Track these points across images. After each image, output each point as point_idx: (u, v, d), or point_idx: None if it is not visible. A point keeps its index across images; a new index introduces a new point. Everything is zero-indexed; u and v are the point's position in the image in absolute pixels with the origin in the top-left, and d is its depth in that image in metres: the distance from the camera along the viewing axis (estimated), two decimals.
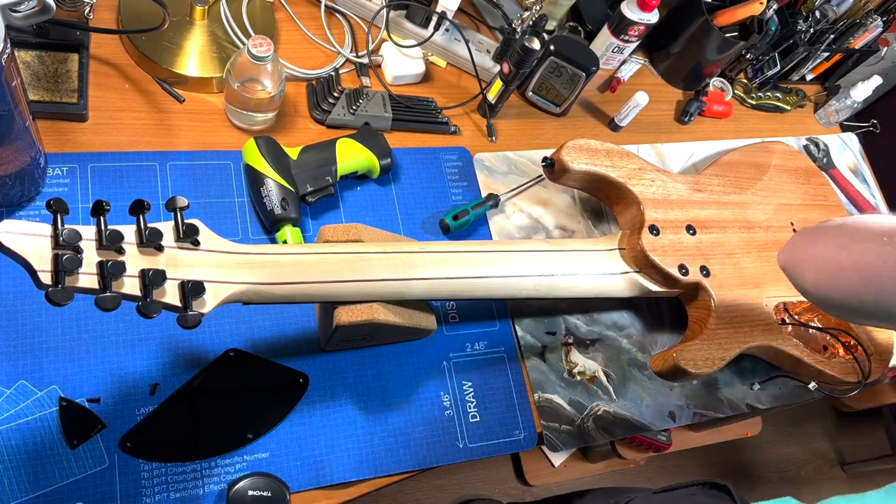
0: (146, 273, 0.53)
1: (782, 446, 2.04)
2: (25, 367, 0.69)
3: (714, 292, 0.83)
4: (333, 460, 0.75)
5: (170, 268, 0.56)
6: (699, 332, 0.82)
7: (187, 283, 0.55)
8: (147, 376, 0.72)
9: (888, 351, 0.95)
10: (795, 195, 1.00)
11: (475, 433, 0.81)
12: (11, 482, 0.65)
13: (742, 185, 0.96)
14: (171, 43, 0.88)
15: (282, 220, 0.80)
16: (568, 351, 0.88)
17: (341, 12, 1.02)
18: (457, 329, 0.85)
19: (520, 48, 0.89)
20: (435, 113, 0.98)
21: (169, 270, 0.55)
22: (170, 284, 0.55)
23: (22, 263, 0.50)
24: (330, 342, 0.75)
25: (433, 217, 0.91)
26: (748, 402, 0.94)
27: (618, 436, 0.87)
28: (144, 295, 0.53)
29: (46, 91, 0.81)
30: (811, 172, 1.05)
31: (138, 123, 0.85)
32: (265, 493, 0.68)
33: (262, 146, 0.81)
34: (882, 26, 1.15)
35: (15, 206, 0.75)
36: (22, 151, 0.68)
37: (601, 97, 1.12)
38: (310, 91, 0.94)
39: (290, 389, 0.76)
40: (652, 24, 1.02)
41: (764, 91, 1.22)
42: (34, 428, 0.67)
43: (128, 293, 0.53)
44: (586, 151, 0.85)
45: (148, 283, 0.53)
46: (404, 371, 0.81)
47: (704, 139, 1.14)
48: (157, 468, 0.69)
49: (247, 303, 0.62)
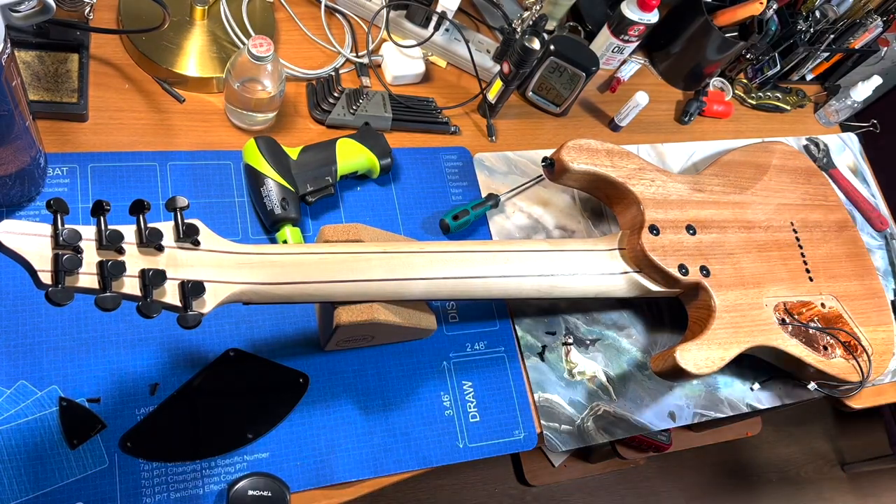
0: (146, 273, 0.53)
1: (782, 446, 2.04)
2: (25, 367, 0.69)
3: (714, 292, 0.83)
4: (333, 460, 0.75)
5: (170, 268, 0.56)
6: (699, 333, 0.82)
7: (187, 282, 0.55)
8: (147, 376, 0.72)
9: (888, 351, 0.95)
10: (795, 195, 1.00)
11: (475, 433, 0.81)
12: (11, 482, 0.65)
13: (742, 185, 0.96)
14: (171, 43, 0.88)
15: (282, 220, 0.80)
16: (568, 351, 0.88)
17: (341, 12, 1.02)
18: (457, 329, 0.85)
19: (520, 48, 0.89)
20: (435, 113, 0.98)
21: (169, 270, 0.55)
22: (170, 284, 0.55)
23: (22, 263, 0.50)
24: (330, 342, 0.75)
25: (433, 217, 0.91)
26: (748, 402, 0.94)
27: (618, 436, 0.87)
28: (144, 295, 0.53)
29: (46, 91, 0.81)
30: (811, 172, 1.05)
31: (138, 123, 0.85)
32: (265, 493, 0.68)
33: (262, 146, 0.81)
34: (882, 26, 1.15)
35: (15, 206, 0.76)
36: (22, 151, 0.68)
37: (601, 97, 1.12)
38: (310, 91, 0.94)
39: (290, 389, 0.76)
40: (652, 24, 1.02)
41: (764, 91, 1.22)
42: (34, 428, 0.67)
43: (128, 293, 0.53)
44: (586, 151, 0.85)
45: (148, 283, 0.53)
46: (404, 371, 0.81)
47: (704, 139, 1.14)
48: (157, 468, 0.69)
49: (247, 303, 0.62)
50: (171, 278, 0.55)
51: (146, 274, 0.53)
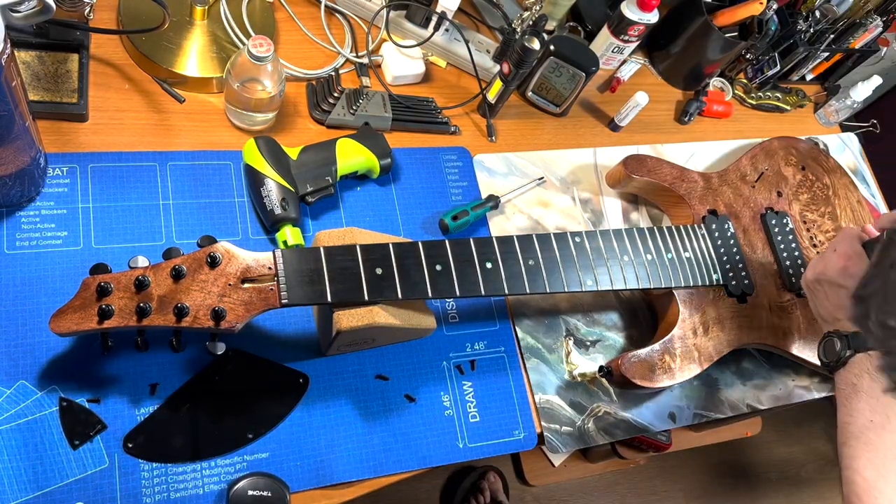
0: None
1: (782, 446, 2.04)
2: (25, 367, 0.69)
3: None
4: (333, 460, 0.75)
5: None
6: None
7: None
8: (147, 376, 0.72)
9: None
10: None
11: (475, 433, 0.81)
12: (11, 482, 0.65)
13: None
14: (171, 43, 0.88)
15: (282, 220, 0.80)
16: (568, 352, 0.88)
17: (341, 12, 1.02)
18: (457, 329, 0.85)
19: (520, 48, 0.89)
20: (435, 113, 0.98)
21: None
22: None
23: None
24: (331, 347, 0.74)
25: (433, 217, 0.91)
26: (748, 403, 0.94)
27: (618, 437, 0.87)
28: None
29: (46, 91, 0.81)
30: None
31: (138, 123, 0.85)
32: (265, 493, 0.68)
33: (262, 146, 0.81)
34: (882, 26, 1.15)
35: (15, 207, 0.76)
36: (22, 151, 0.68)
37: (601, 97, 1.12)
38: (310, 91, 0.94)
39: (290, 389, 0.76)
40: (652, 24, 1.02)
41: (764, 91, 1.22)
42: (34, 428, 0.67)
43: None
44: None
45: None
46: (404, 371, 0.81)
47: (704, 139, 1.14)
48: (157, 468, 0.69)
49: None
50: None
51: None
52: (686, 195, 0.93)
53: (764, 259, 0.93)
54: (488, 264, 0.74)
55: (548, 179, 0.99)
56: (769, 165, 1.01)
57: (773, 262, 0.94)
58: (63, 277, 0.74)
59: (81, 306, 0.60)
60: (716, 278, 0.87)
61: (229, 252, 0.64)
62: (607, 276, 0.80)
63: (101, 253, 0.76)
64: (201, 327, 0.61)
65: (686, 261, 0.86)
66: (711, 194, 0.95)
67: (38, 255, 0.74)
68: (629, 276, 0.81)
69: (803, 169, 1.03)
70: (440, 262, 0.71)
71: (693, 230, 0.89)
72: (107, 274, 0.61)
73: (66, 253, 0.75)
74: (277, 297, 0.64)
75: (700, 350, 0.84)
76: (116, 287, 0.60)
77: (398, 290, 0.69)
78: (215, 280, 0.63)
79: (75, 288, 0.61)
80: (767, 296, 0.91)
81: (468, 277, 0.72)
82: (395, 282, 0.69)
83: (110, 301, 0.60)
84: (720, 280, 0.87)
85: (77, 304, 0.60)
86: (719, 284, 0.88)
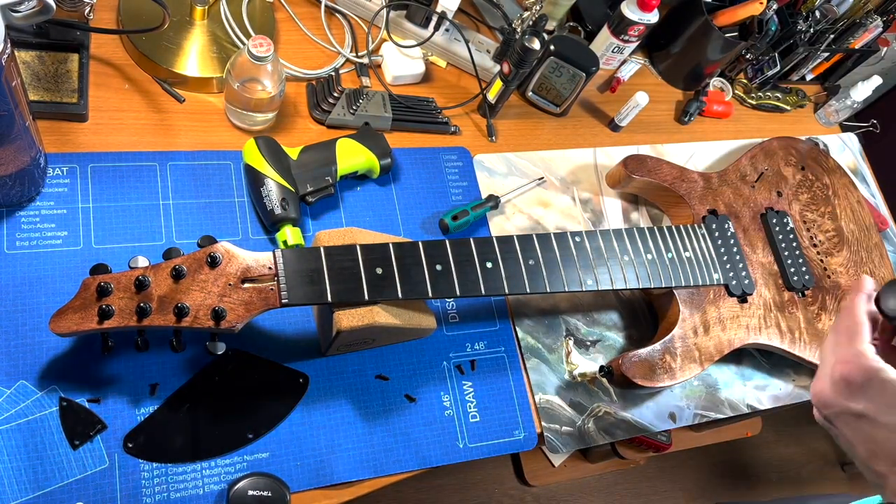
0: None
1: (782, 446, 2.04)
2: (25, 367, 0.69)
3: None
4: (333, 460, 0.74)
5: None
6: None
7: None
8: (147, 376, 0.72)
9: None
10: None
11: (475, 433, 0.81)
12: (11, 482, 0.65)
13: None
14: (171, 43, 0.88)
15: (282, 220, 0.80)
16: (568, 352, 0.88)
17: (341, 12, 1.02)
18: (457, 329, 0.85)
19: (520, 48, 0.89)
20: (435, 113, 0.98)
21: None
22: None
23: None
24: (331, 348, 0.74)
25: (433, 217, 0.91)
26: (748, 403, 0.94)
27: (618, 437, 0.87)
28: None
29: (46, 91, 0.81)
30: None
31: (138, 123, 0.85)
32: (265, 493, 0.68)
33: (262, 146, 0.81)
34: (882, 26, 1.15)
35: (15, 207, 0.75)
36: (22, 151, 0.68)
37: (601, 97, 1.12)
38: (310, 91, 0.94)
39: (290, 389, 0.76)
40: (652, 24, 1.02)
41: (764, 91, 1.22)
42: (34, 428, 0.67)
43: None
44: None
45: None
46: (404, 371, 0.81)
47: (704, 139, 1.14)
48: (157, 468, 0.69)
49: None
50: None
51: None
52: (686, 195, 0.93)
53: (764, 259, 0.93)
54: (488, 264, 0.74)
55: (548, 179, 0.99)
56: (769, 165, 1.01)
57: (774, 262, 0.94)
58: (63, 277, 0.74)
59: (81, 306, 0.60)
60: (716, 278, 0.87)
61: (229, 252, 0.64)
62: (608, 275, 0.80)
63: (101, 253, 0.76)
64: (201, 327, 0.61)
65: (686, 260, 0.86)
66: (711, 194, 0.95)
67: (38, 255, 0.74)
68: (629, 276, 0.81)
69: (803, 169, 1.03)
70: (440, 262, 0.71)
71: (693, 230, 0.89)
72: (107, 274, 0.61)
73: (66, 253, 0.75)
74: (277, 297, 0.64)
75: (701, 350, 0.84)
76: (116, 287, 0.60)
77: (398, 289, 0.69)
78: (215, 280, 0.63)
79: (75, 288, 0.61)
80: (768, 295, 0.91)
81: (468, 277, 0.72)
82: (395, 282, 0.69)
83: (110, 301, 0.60)
84: (721, 280, 0.87)
85: (77, 304, 0.60)
86: (720, 284, 0.88)
